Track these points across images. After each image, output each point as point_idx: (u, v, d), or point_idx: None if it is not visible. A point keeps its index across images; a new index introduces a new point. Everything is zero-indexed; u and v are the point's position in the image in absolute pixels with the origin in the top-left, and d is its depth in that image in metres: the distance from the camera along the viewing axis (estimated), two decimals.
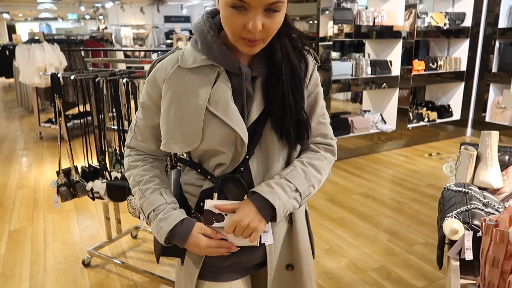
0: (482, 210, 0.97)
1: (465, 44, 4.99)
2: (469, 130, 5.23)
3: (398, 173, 3.92)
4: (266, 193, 0.90)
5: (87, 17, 17.07)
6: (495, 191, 1.25)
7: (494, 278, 0.81)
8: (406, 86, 4.64)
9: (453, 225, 0.91)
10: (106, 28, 14.04)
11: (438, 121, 5.02)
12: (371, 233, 2.73)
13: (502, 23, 4.74)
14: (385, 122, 4.72)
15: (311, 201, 3.24)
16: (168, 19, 14.34)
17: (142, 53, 6.29)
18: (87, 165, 2.27)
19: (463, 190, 1.08)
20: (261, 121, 0.93)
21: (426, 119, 4.94)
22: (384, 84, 4.49)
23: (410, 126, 4.78)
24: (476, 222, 0.93)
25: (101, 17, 15.90)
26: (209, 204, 0.93)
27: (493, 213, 0.97)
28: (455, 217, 0.95)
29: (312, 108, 1.01)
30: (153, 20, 14.24)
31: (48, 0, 11.67)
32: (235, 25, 0.81)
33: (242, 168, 0.94)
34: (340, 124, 4.36)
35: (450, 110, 5.17)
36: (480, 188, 1.30)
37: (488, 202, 1.02)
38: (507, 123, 4.76)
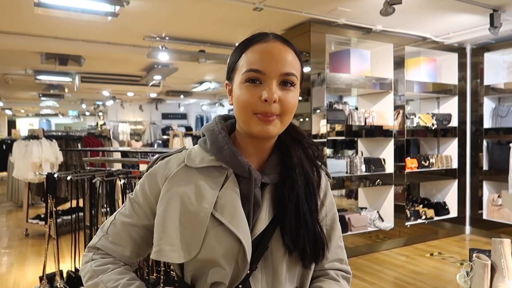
0: None
1: (454, 142, 5.15)
2: (468, 228, 5.14)
3: (401, 275, 3.73)
4: None
5: (87, 113, 17.71)
6: None
7: None
8: (400, 183, 4.66)
9: None
10: (104, 124, 14.48)
11: (436, 218, 4.96)
12: None
13: (486, 124, 4.96)
14: (382, 220, 4.64)
15: None
16: (165, 116, 14.90)
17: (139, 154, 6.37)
18: (73, 269, 2.13)
19: None
20: (267, 232, 0.85)
21: (423, 217, 4.87)
22: (378, 180, 4.51)
23: (408, 223, 4.69)
24: None
25: (100, 113, 16.50)
26: None
27: None
28: None
29: (331, 228, 0.95)
30: (151, 116, 14.78)
31: (52, 98, 12.19)
32: (250, 98, 0.81)
33: (241, 286, 0.83)
34: None
35: (447, 207, 5.14)
36: None
37: None
38: (506, 221, 4.70)
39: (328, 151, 7.06)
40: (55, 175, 2.04)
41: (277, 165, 0.89)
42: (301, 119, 4.30)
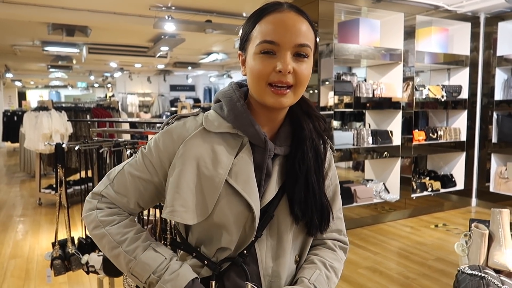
0: None
1: (464, 114, 5.09)
2: (474, 200, 5.16)
3: (405, 245, 3.79)
4: None
5: (96, 85, 17.74)
6: (511, 274, 1.18)
7: None
8: (407, 155, 4.65)
9: None
10: (113, 95, 14.52)
11: (442, 190, 4.97)
12: None
13: (498, 95, 4.88)
14: (388, 192, 4.67)
15: None
16: (173, 87, 14.88)
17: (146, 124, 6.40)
18: (84, 236, 2.20)
19: (479, 274, 1.02)
20: (274, 202, 0.88)
21: (429, 189, 4.89)
22: (386, 153, 4.51)
23: (414, 195, 4.72)
24: None
25: (109, 85, 16.53)
26: None
27: None
28: None
29: (332, 199, 0.98)
30: (159, 88, 14.77)
31: (60, 69, 12.21)
32: (265, 69, 0.81)
33: (245, 252, 0.86)
34: (343, 193, 4.30)
35: (453, 179, 5.14)
36: (495, 270, 1.24)
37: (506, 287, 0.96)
38: (511, 193, 4.70)
39: (335, 123, 7.06)
40: (64, 145, 2.08)
41: (288, 137, 0.90)
42: (310, 91, 4.27)
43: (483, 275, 1.00)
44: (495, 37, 4.81)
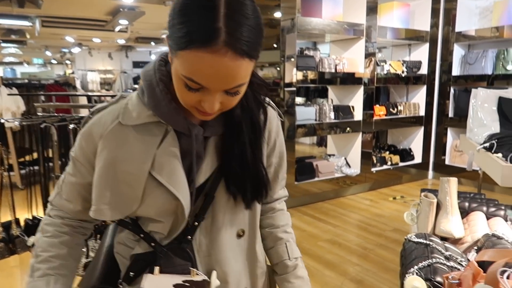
0: (445, 264, 0.91)
1: (423, 90, 5.20)
2: (430, 173, 5.34)
3: (364, 217, 3.89)
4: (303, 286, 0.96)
5: (54, 62, 16.87)
6: (456, 241, 1.20)
7: None
8: (368, 131, 4.72)
9: (414, 284, 0.84)
10: (73, 72, 13.88)
11: (401, 164, 5.11)
12: (338, 283, 2.62)
13: (455, 71, 5.00)
14: (349, 166, 4.74)
15: None
16: (136, 64, 14.37)
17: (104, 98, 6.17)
18: (31, 217, 2.09)
19: (424, 242, 1.02)
20: (214, 182, 0.84)
21: (389, 163, 5.01)
22: (348, 128, 4.55)
23: (374, 169, 4.82)
24: (438, 278, 0.86)
25: (68, 62, 15.75)
26: (150, 282, 0.80)
27: (456, 268, 0.91)
28: (416, 273, 0.88)
29: (279, 165, 0.95)
30: (121, 65, 14.23)
31: (13, 44, 11.48)
32: (189, 100, 0.71)
33: (189, 237, 0.84)
34: (305, 168, 4.33)
35: (412, 153, 5.29)
36: (441, 238, 1.25)
37: (450, 255, 0.96)
38: (465, 166, 4.89)
39: (300, 99, 7.06)
40: (1, 121, 1.94)
41: (220, 116, 0.83)
42: (276, 68, 4.21)
43: (428, 242, 1.01)
44: (454, 13, 4.89)
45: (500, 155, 1.68)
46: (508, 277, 0.69)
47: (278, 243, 0.97)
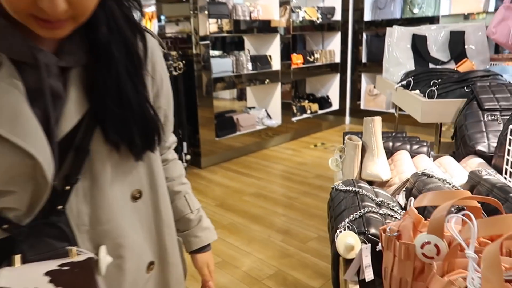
0: (377, 212, 0.80)
1: (337, 37, 5.21)
2: (347, 118, 5.50)
3: (287, 167, 3.87)
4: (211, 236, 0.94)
5: None
6: (384, 184, 1.12)
7: None
8: (287, 81, 4.65)
9: (347, 240, 0.71)
10: None
11: (320, 112, 5.17)
12: (265, 236, 2.57)
13: (367, 16, 5.04)
14: (270, 118, 4.67)
15: None
16: None
17: None
18: None
19: (353, 189, 0.91)
20: (86, 131, 0.62)
21: (308, 111, 5.03)
22: (267, 79, 4.43)
23: (294, 119, 4.81)
24: (373, 230, 0.75)
25: None
26: (8, 277, 0.58)
27: (389, 215, 0.81)
28: (348, 227, 0.76)
29: (168, 107, 0.78)
30: None
31: None
32: (20, 2, 0.49)
33: (61, 207, 0.62)
34: (226, 123, 4.16)
35: (329, 101, 5.37)
36: (368, 182, 1.17)
37: (381, 201, 0.86)
38: (380, 109, 5.10)
39: (216, 52, 6.75)
40: None
41: (81, 39, 0.60)
42: (188, 21, 3.83)
43: (357, 189, 0.89)
44: None
45: (417, 91, 1.65)
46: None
47: (177, 197, 0.87)
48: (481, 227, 0.52)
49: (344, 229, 0.76)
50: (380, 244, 0.69)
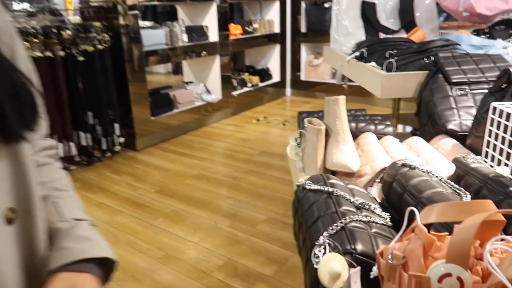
0: (361, 221, 0.64)
1: (276, 6, 5.00)
2: (288, 90, 5.39)
3: (230, 144, 3.69)
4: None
5: None
6: (351, 174, 0.97)
7: None
8: (225, 53, 4.40)
9: (333, 267, 0.55)
10: None
11: (261, 84, 5.00)
12: (211, 222, 2.39)
13: None
14: (210, 92, 4.41)
15: (136, 198, 2.70)
16: None
17: None
18: None
19: (325, 189, 0.74)
20: None
21: (249, 84, 4.84)
22: (204, 52, 4.13)
23: (235, 93, 4.60)
24: (360, 247, 0.59)
25: None
26: None
27: (374, 222, 0.66)
28: (329, 245, 0.60)
29: (31, 75, 0.59)
30: None
31: None
32: None
33: None
34: (162, 100, 3.84)
35: (270, 73, 5.21)
36: (332, 172, 1.02)
37: (360, 202, 0.70)
38: (321, 80, 5.05)
39: (147, 23, 6.23)
40: None
41: None
42: None
43: (330, 190, 0.73)
44: None
45: (373, 63, 1.52)
46: (490, 254, 0.44)
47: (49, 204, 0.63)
48: None
49: (324, 248, 0.60)
50: (375, 269, 0.53)
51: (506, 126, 0.81)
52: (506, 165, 0.82)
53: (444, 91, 1.11)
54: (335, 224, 0.63)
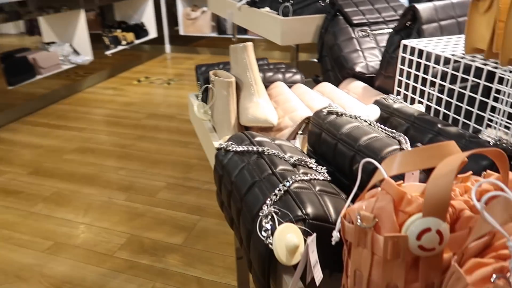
0: (303, 180, 0.57)
1: None
2: (167, 46, 5.07)
3: (112, 110, 3.34)
4: None
5: None
6: (269, 129, 0.89)
7: None
8: (90, 7, 3.87)
9: (289, 239, 0.47)
10: None
11: (137, 42, 4.59)
12: (104, 198, 2.15)
13: None
14: (78, 53, 3.89)
15: (4, 184, 2.29)
16: None
17: None
18: None
19: (253, 148, 0.65)
20: None
21: (124, 42, 4.40)
22: (64, 6, 3.56)
23: (108, 52, 4.14)
24: (310, 210, 0.51)
25: None
26: None
27: (315, 179, 0.59)
28: (275, 213, 0.51)
29: None
30: None
31: None
32: None
33: None
34: (19, 66, 3.25)
35: (145, 28, 4.80)
36: (245, 128, 0.93)
37: (296, 159, 0.63)
38: (201, 34, 4.84)
39: None
40: None
41: None
42: None
43: (259, 149, 0.64)
44: None
45: (267, 9, 1.43)
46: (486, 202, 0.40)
47: None
48: None
49: (271, 218, 0.51)
50: (336, 233, 0.46)
51: (418, 64, 0.81)
52: (420, 102, 0.82)
53: (347, 33, 1.08)
54: (277, 189, 0.55)
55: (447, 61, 0.74)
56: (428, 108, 0.80)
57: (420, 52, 0.80)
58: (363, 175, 0.55)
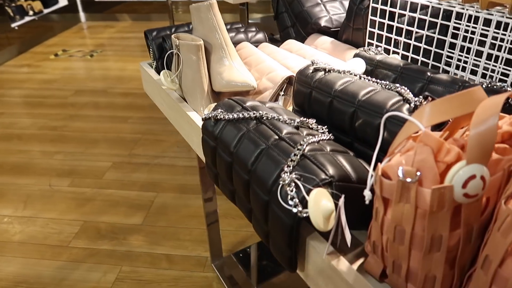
0: (315, 142, 0.55)
1: None
2: (82, 15, 4.64)
3: (31, 90, 3.02)
4: None
5: None
6: (246, 93, 0.85)
7: (434, 265, 0.44)
8: None
9: (323, 204, 0.45)
10: None
11: (46, 11, 4.12)
12: (44, 187, 1.97)
13: None
14: None
15: None
16: None
17: None
18: None
19: (249, 114, 0.61)
20: None
21: (31, 13, 3.92)
22: None
23: (14, 25, 3.68)
24: (335, 171, 0.50)
25: None
26: None
27: (324, 140, 0.57)
28: (296, 179, 0.49)
29: None
30: None
31: None
32: None
33: None
34: None
35: None
36: (217, 93, 0.88)
37: (297, 121, 0.60)
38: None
39: None
40: None
41: None
42: None
43: (257, 114, 0.60)
44: None
45: None
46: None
47: None
48: None
49: (294, 185, 0.48)
50: (368, 192, 0.45)
51: (392, 13, 0.80)
52: (396, 53, 0.82)
53: None
54: (293, 154, 0.52)
55: (422, 7, 0.74)
56: (403, 57, 0.81)
57: (392, 1, 0.79)
58: (380, 130, 0.54)
